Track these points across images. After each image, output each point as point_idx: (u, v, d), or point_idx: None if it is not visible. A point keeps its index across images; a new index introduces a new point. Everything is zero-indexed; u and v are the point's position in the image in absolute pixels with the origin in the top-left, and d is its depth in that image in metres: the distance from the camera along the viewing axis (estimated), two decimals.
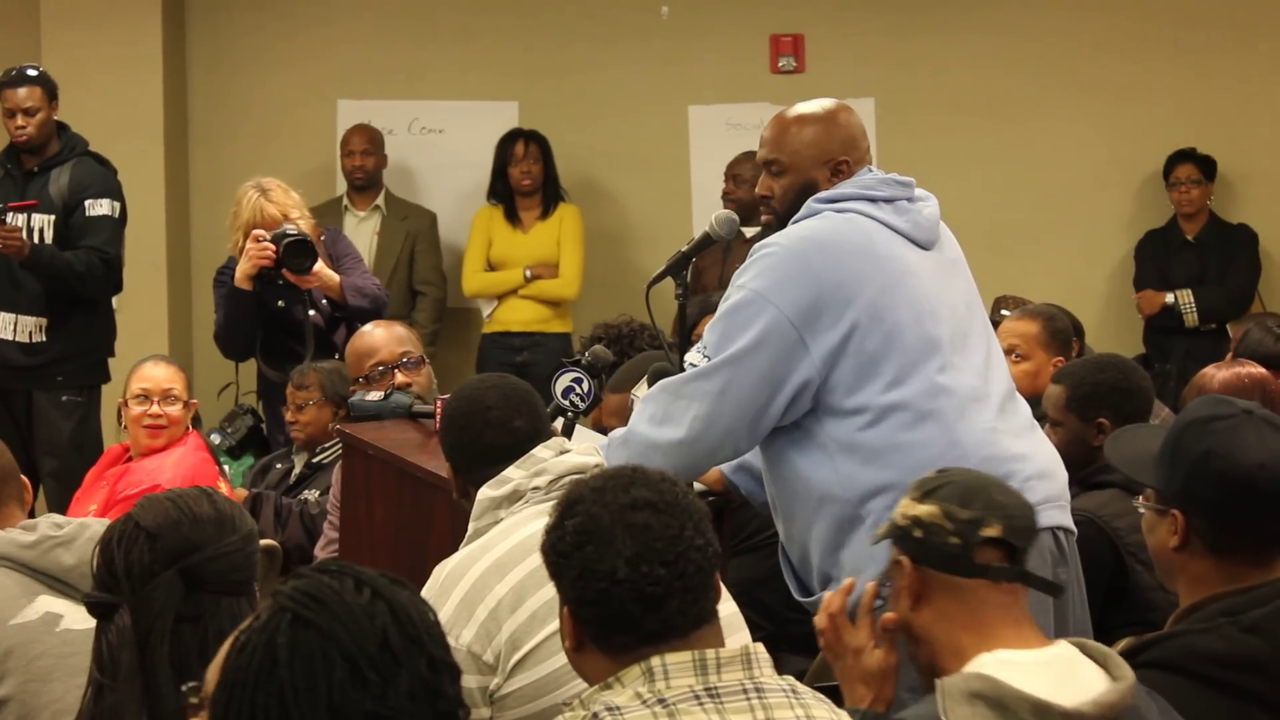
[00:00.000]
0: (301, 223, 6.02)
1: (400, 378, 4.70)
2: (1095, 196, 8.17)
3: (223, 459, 6.22)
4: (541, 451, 3.21)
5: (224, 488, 5.14)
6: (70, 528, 3.20)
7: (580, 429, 3.97)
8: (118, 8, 8.08)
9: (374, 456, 3.98)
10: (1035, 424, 3.65)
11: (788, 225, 3.57)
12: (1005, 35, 8.19)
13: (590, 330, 5.66)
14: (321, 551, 4.77)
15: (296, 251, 5.93)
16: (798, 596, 3.59)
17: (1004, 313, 6.14)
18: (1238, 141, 8.00)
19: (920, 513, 2.54)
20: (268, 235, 5.94)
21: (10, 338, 6.53)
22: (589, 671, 2.33)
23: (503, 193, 7.98)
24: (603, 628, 2.29)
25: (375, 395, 4.40)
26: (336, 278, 6.08)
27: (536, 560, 2.43)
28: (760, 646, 2.33)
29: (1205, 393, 4.30)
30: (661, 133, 8.30)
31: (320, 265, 6.02)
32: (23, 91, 6.51)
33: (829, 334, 3.42)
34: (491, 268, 7.95)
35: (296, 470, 5.52)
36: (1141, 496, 2.90)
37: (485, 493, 3.18)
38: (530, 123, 8.10)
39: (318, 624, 1.75)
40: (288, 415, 5.57)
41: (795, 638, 3.91)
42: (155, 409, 5.31)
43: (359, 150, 8.03)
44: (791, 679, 2.34)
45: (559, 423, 3.81)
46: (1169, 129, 7.98)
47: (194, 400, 5.47)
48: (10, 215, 6.34)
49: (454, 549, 3.20)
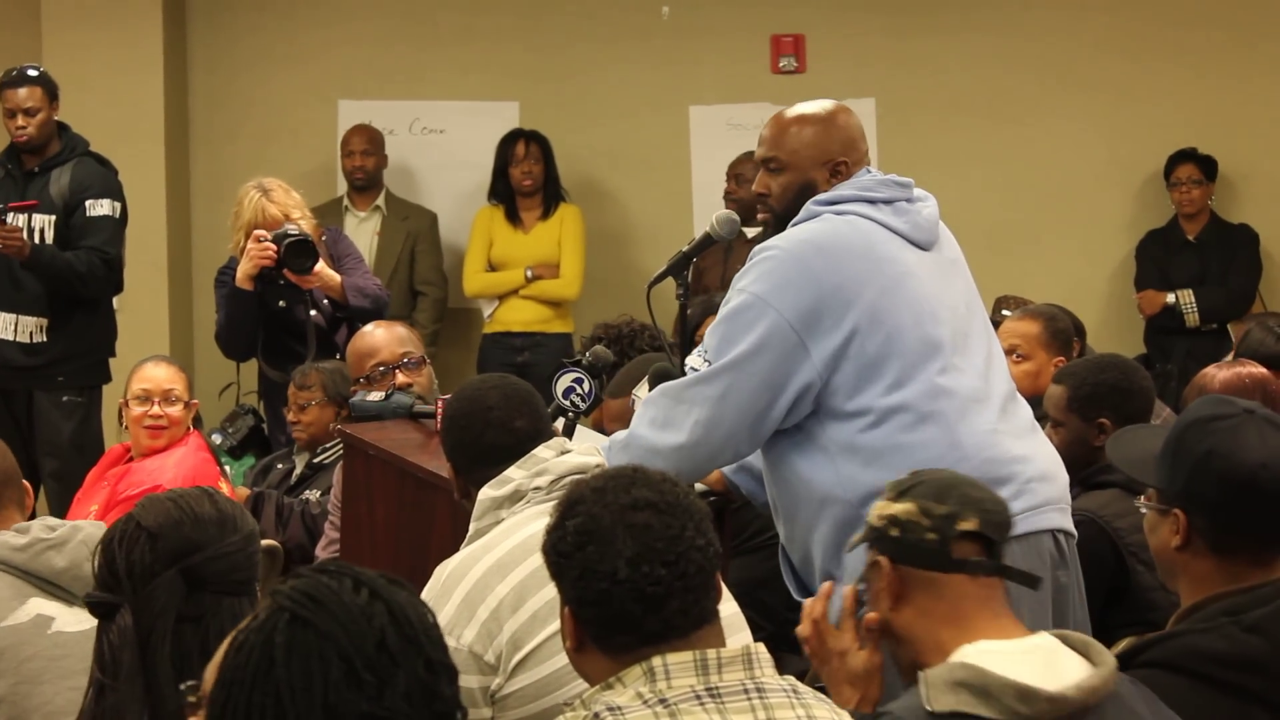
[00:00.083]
0: (303, 223, 6.02)
1: (401, 378, 4.70)
2: (1096, 196, 8.17)
3: (224, 459, 6.21)
4: (543, 452, 3.21)
5: (225, 488, 5.14)
6: (62, 530, 3.19)
7: (581, 429, 3.97)
8: (118, 8, 8.08)
9: (375, 457, 3.98)
10: (1036, 425, 3.64)
11: (785, 225, 3.57)
12: (1006, 35, 8.18)
13: (591, 331, 5.65)
14: (323, 552, 4.77)
15: (298, 251, 5.93)
16: (798, 597, 3.59)
17: (1005, 313, 6.14)
18: (1239, 141, 8.00)
19: (896, 511, 2.56)
20: (269, 235, 5.94)
21: (11, 338, 6.52)
22: (590, 672, 2.33)
23: (503, 193, 7.98)
24: (604, 628, 2.30)
25: (376, 395, 4.40)
26: (338, 278, 6.08)
27: (538, 560, 2.43)
28: (761, 646, 2.33)
29: (1206, 393, 4.30)
30: (662, 133, 8.30)
31: (321, 265, 6.02)
32: (23, 92, 6.51)
33: (830, 337, 3.42)
34: (492, 268, 7.95)
35: (298, 470, 5.52)
36: (1143, 496, 2.90)
37: (486, 493, 3.18)
38: (531, 123, 8.10)
39: (315, 624, 1.75)
40: (289, 415, 5.57)
41: (796, 638, 3.90)
42: (156, 409, 5.32)
43: (359, 150, 8.02)
44: (792, 679, 2.34)
45: (560, 423, 3.81)
46: (1170, 129, 7.98)
47: (195, 400, 5.47)
48: (11, 215, 6.34)
49: (455, 549, 3.20)
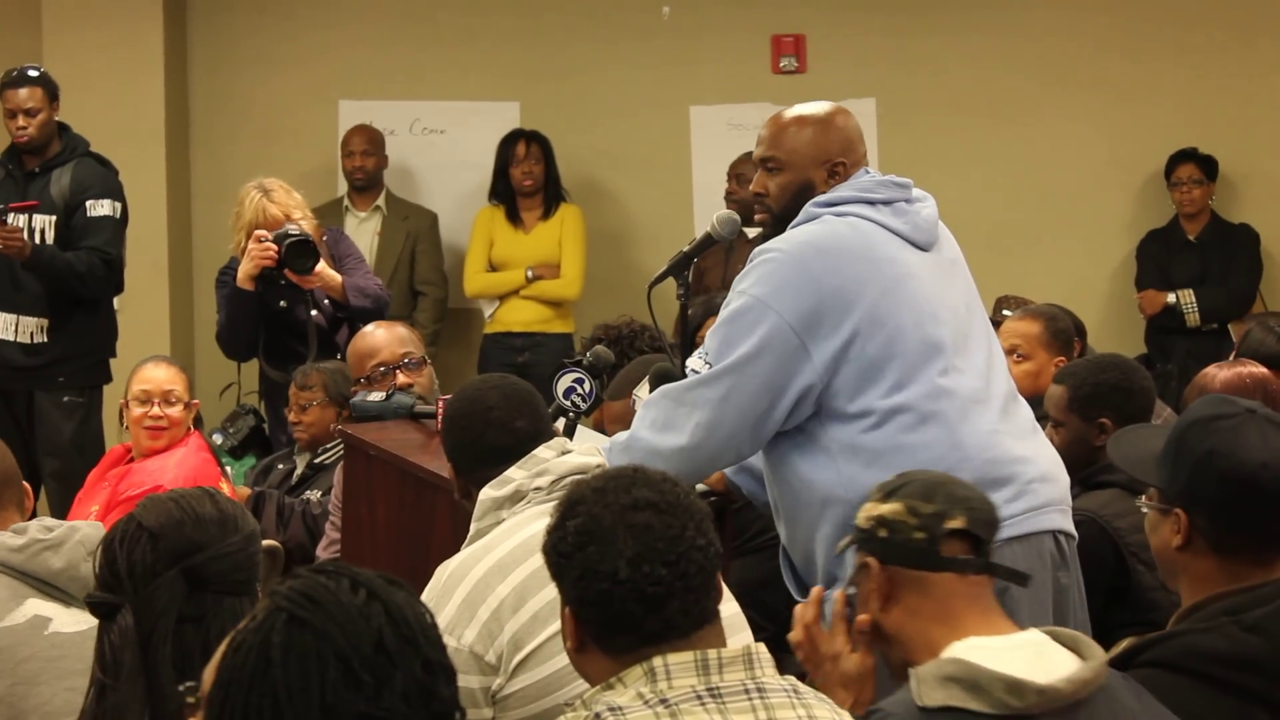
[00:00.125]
0: (304, 223, 6.02)
1: (402, 378, 4.69)
2: (1097, 196, 8.17)
3: (225, 459, 6.21)
4: (543, 452, 3.21)
5: (226, 488, 5.14)
6: (59, 531, 3.19)
7: (582, 429, 3.97)
8: (119, 9, 8.08)
9: (376, 457, 3.98)
10: (1037, 426, 3.63)
11: (783, 225, 3.57)
12: (1006, 36, 8.18)
13: (591, 332, 5.65)
14: (323, 552, 4.77)
15: (298, 252, 5.93)
16: (799, 598, 3.57)
17: (1006, 313, 6.14)
18: (1239, 141, 8.00)
19: (884, 512, 2.58)
20: (270, 235, 5.94)
21: (11, 338, 6.53)
22: (591, 672, 2.33)
23: (504, 193, 7.98)
24: (604, 628, 2.29)
25: (377, 396, 4.40)
26: (338, 278, 6.08)
27: (539, 561, 2.43)
28: (762, 646, 2.33)
29: (1207, 393, 4.30)
30: (663, 133, 8.30)
31: (322, 265, 6.02)
32: (24, 92, 6.52)
33: (830, 339, 3.41)
34: (493, 268, 7.95)
35: (298, 471, 5.52)
36: (1144, 496, 2.90)
37: (487, 493, 3.18)
38: (532, 123, 8.10)
39: (312, 624, 1.75)
40: (291, 416, 5.56)
41: None
42: (156, 410, 5.31)
43: (359, 151, 8.02)
44: (793, 679, 2.34)
45: (560, 423, 3.80)
46: (1170, 129, 7.98)
47: (195, 400, 5.46)
48: (11, 216, 6.35)
49: (456, 549, 3.20)
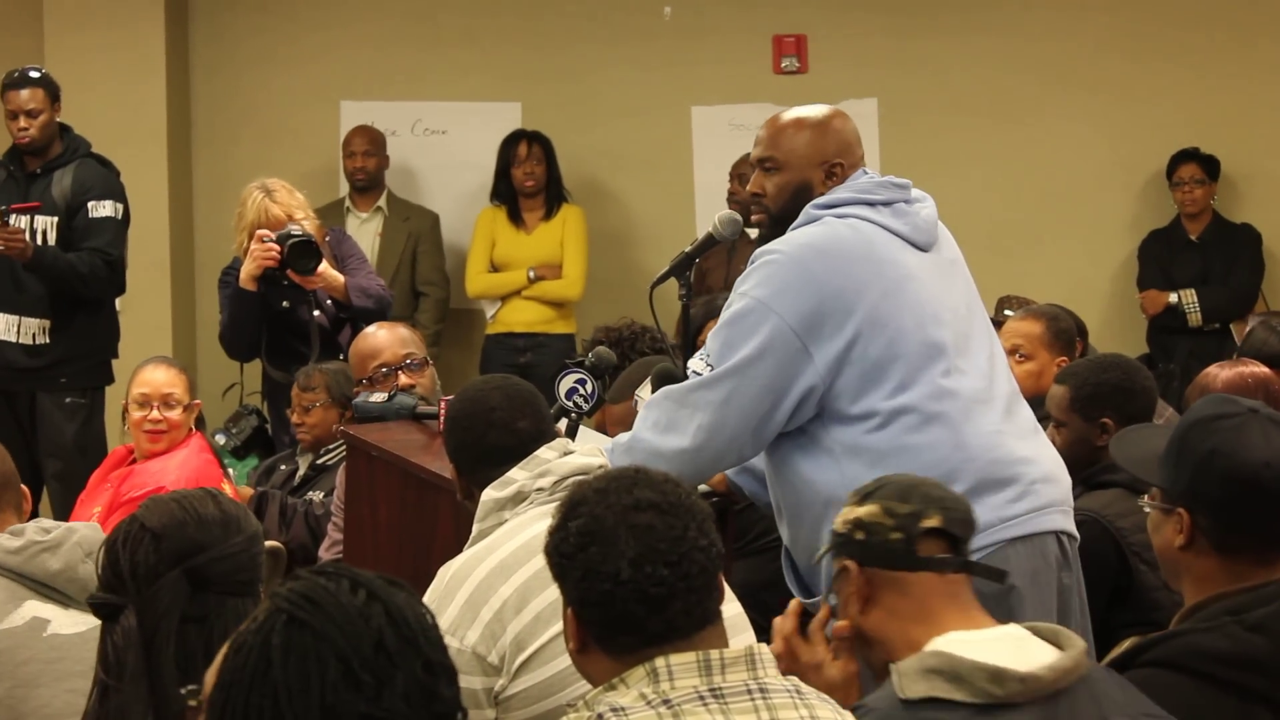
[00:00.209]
0: (306, 223, 6.02)
1: (404, 379, 4.69)
2: (1098, 197, 8.17)
3: (227, 459, 6.21)
4: (545, 453, 3.21)
5: (228, 489, 5.14)
6: (57, 532, 3.19)
7: (584, 430, 3.96)
8: (121, 10, 8.08)
9: (378, 458, 3.97)
10: (1038, 427, 3.63)
11: (781, 225, 3.57)
12: (1008, 36, 8.18)
13: (592, 334, 5.64)
14: (326, 553, 4.77)
15: (301, 252, 5.93)
16: (801, 599, 3.58)
17: (1008, 313, 6.14)
18: (1241, 141, 8.00)
19: (861, 514, 2.59)
20: (272, 236, 5.94)
21: (14, 339, 6.53)
22: (593, 673, 2.33)
23: (506, 194, 7.98)
24: (606, 629, 2.29)
25: (379, 397, 4.40)
26: (341, 278, 6.08)
27: (541, 562, 2.43)
28: (764, 647, 2.33)
29: (1209, 392, 4.30)
30: (665, 134, 8.30)
31: (325, 266, 6.02)
32: (25, 93, 6.52)
33: (832, 342, 3.41)
34: (495, 269, 7.95)
35: (301, 472, 5.52)
36: (1147, 496, 2.91)
37: (489, 494, 3.18)
38: (533, 124, 8.10)
39: (312, 625, 1.75)
40: (293, 417, 5.55)
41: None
42: (155, 414, 5.29)
43: (360, 151, 8.02)
44: (795, 679, 2.34)
45: (562, 424, 3.80)
46: (1172, 129, 7.98)
47: (197, 401, 5.45)
48: (13, 217, 6.35)
49: (458, 550, 3.20)
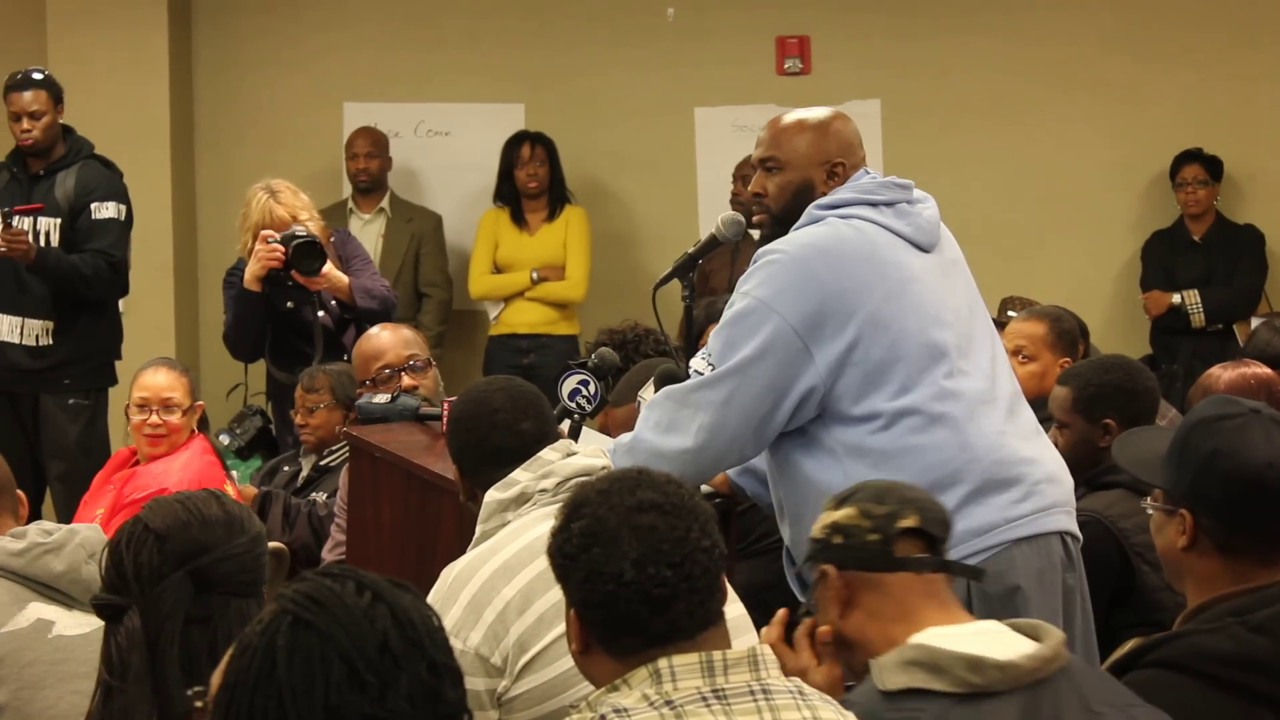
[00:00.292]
0: (311, 224, 6.02)
1: (407, 380, 4.69)
2: (1101, 197, 8.17)
3: (231, 460, 6.21)
4: (548, 454, 3.21)
5: (231, 490, 5.14)
6: (59, 534, 3.20)
7: (587, 431, 3.96)
8: (124, 11, 8.08)
9: (381, 459, 3.97)
10: (1040, 429, 3.63)
11: (783, 225, 3.57)
12: (1011, 37, 8.18)
13: (595, 336, 5.64)
14: (328, 554, 4.77)
15: (305, 253, 5.93)
16: (802, 599, 3.59)
17: (1011, 314, 6.14)
18: (1244, 142, 8.00)
19: (837, 517, 2.60)
20: (277, 237, 5.95)
21: (17, 341, 6.53)
22: (595, 674, 2.33)
23: (509, 195, 7.98)
24: (609, 630, 2.29)
25: (382, 398, 4.39)
26: (345, 279, 6.08)
27: (544, 563, 2.42)
28: (767, 648, 2.33)
29: (1211, 393, 4.30)
30: (667, 135, 8.29)
31: (329, 267, 6.02)
32: (28, 95, 6.52)
33: (833, 343, 3.41)
34: (498, 270, 7.95)
35: (304, 473, 5.52)
36: (1149, 497, 2.91)
37: (492, 495, 3.18)
38: (536, 125, 8.10)
39: (317, 626, 1.75)
40: (297, 418, 5.55)
41: None
42: (155, 419, 5.29)
43: (363, 153, 8.02)
44: (798, 680, 2.34)
45: (565, 425, 3.80)
46: (1175, 130, 7.97)
47: (199, 403, 5.45)
48: (16, 218, 6.35)
49: (461, 551, 3.20)
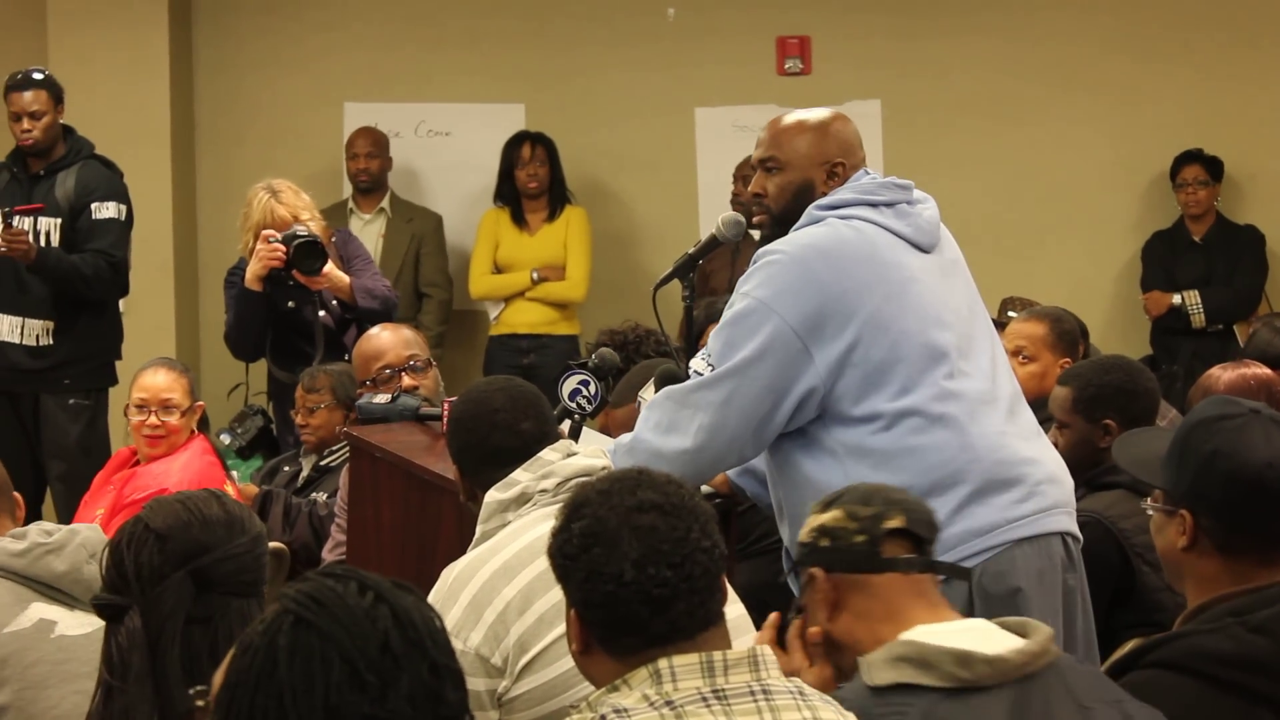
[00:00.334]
0: (312, 224, 6.02)
1: (407, 380, 4.69)
2: (1102, 198, 8.17)
3: (233, 460, 6.21)
4: (549, 454, 3.21)
5: (231, 490, 5.14)
6: (59, 535, 3.20)
7: (587, 431, 3.96)
8: (124, 12, 8.08)
9: (381, 459, 3.98)
10: (1040, 430, 3.63)
11: (783, 225, 3.57)
12: (1011, 38, 8.18)
13: (596, 337, 5.64)
14: (329, 554, 4.77)
15: (307, 253, 5.93)
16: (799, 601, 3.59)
17: (1011, 314, 6.14)
18: (1245, 142, 8.00)
19: (824, 520, 2.61)
20: (278, 236, 5.95)
21: (17, 341, 6.53)
22: (596, 674, 2.33)
23: (509, 195, 7.98)
24: (609, 630, 2.29)
25: (382, 398, 4.40)
26: (346, 279, 6.08)
27: (544, 563, 2.42)
28: (767, 648, 2.33)
29: (1211, 394, 4.30)
30: (668, 135, 8.29)
31: (330, 267, 6.01)
32: (28, 95, 6.52)
33: (833, 344, 3.41)
34: (498, 270, 7.95)
35: (304, 473, 5.52)
36: (1150, 498, 2.91)
37: (493, 495, 3.19)
38: (537, 125, 8.10)
39: (318, 625, 1.75)
40: (297, 418, 5.55)
41: None
42: (153, 420, 5.28)
43: (363, 153, 8.02)
44: (798, 680, 2.34)
45: (566, 425, 3.80)
46: (1176, 130, 7.97)
47: (199, 403, 5.45)
48: (16, 219, 6.35)
49: (461, 552, 3.20)
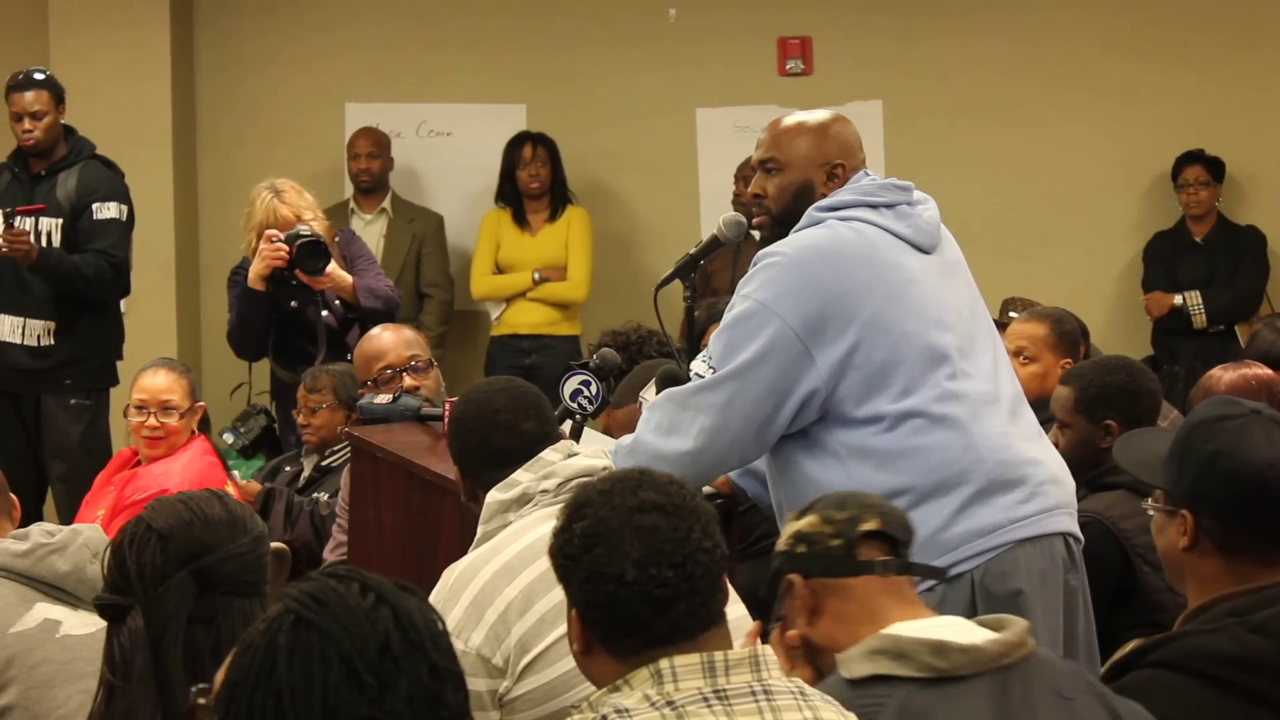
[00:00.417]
0: (315, 224, 6.02)
1: (408, 381, 4.70)
2: (1103, 198, 8.17)
3: (235, 459, 6.21)
4: (550, 454, 3.21)
5: (232, 490, 5.14)
6: (62, 535, 3.21)
7: (589, 431, 3.97)
8: (126, 12, 8.08)
9: (382, 459, 3.98)
10: (1041, 430, 3.63)
11: (783, 226, 3.57)
12: (1013, 38, 8.18)
13: (597, 337, 5.64)
14: (330, 554, 4.77)
15: (309, 252, 5.93)
16: None
17: (1012, 315, 6.14)
18: (1246, 143, 8.00)
19: (800, 526, 2.62)
20: (281, 236, 5.95)
21: (18, 341, 6.53)
22: (597, 674, 2.33)
23: (510, 195, 7.98)
24: (611, 630, 2.29)
25: (384, 398, 4.40)
26: (349, 279, 6.08)
27: (545, 563, 2.42)
28: (769, 648, 2.33)
29: (1212, 394, 4.30)
30: (669, 135, 8.29)
31: (333, 266, 6.02)
32: (30, 95, 6.52)
33: (834, 346, 3.41)
34: (500, 270, 7.95)
35: (306, 473, 5.52)
36: (1151, 498, 2.91)
37: (494, 496, 3.19)
38: (538, 125, 8.10)
39: (318, 625, 1.75)
40: (299, 418, 5.55)
41: None
42: (152, 421, 5.28)
43: (365, 153, 8.02)
44: (799, 680, 2.34)
45: (567, 426, 3.81)
46: (1177, 131, 7.98)
47: (200, 404, 5.44)
48: (18, 219, 6.36)
49: (463, 552, 3.20)
